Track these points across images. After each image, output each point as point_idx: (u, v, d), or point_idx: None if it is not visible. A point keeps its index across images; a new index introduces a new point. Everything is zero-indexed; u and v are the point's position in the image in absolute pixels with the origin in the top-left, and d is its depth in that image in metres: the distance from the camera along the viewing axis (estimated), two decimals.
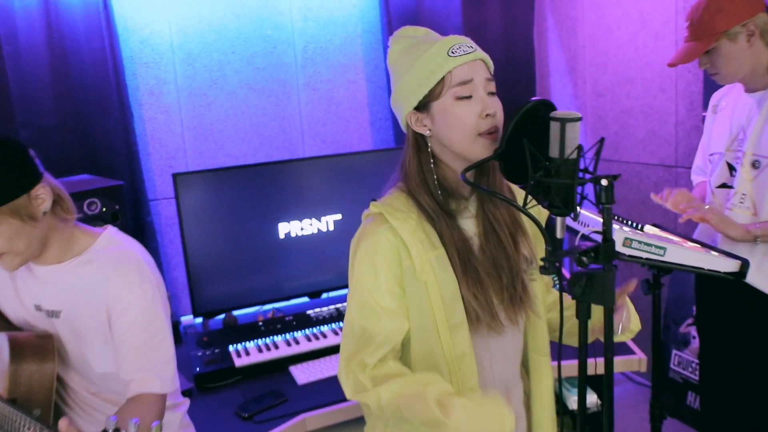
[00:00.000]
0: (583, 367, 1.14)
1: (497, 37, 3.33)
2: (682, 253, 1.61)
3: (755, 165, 1.89)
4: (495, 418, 1.09)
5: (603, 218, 1.06)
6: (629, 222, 1.77)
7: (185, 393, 1.96)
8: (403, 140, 3.24)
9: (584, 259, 1.05)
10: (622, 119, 3.09)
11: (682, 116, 2.82)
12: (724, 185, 1.99)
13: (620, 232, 1.55)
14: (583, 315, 1.11)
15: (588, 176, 1.08)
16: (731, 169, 1.97)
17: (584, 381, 1.17)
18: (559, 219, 1.10)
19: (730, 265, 1.63)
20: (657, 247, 1.59)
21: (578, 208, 1.09)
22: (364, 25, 3.23)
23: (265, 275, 2.43)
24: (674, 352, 2.87)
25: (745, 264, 1.63)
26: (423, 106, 1.24)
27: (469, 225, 1.29)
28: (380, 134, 3.32)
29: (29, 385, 1.32)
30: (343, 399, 1.87)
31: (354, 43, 3.23)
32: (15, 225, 1.27)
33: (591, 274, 1.08)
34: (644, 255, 1.59)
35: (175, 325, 2.42)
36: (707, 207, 1.92)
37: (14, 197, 1.26)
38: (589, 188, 1.09)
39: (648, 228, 1.88)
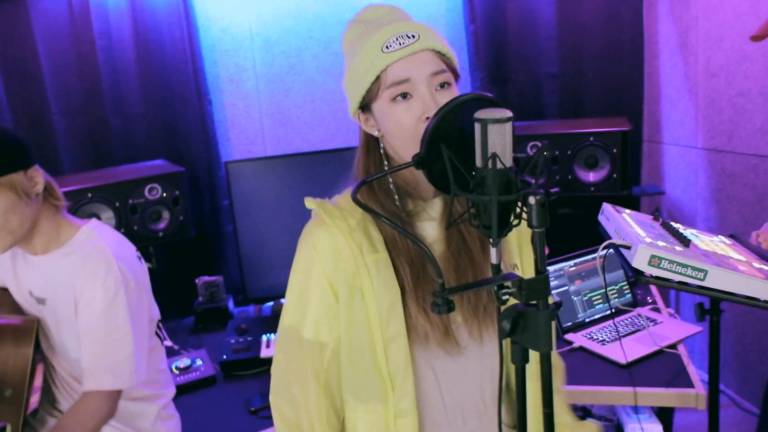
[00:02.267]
0: (522, 419, 0.92)
1: (599, 10, 2.94)
2: (729, 278, 1.27)
3: None
4: None
5: (534, 244, 0.83)
6: (677, 231, 1.45)
7: (210, 380, 1.96)
8: None
9: (501, 294, 0.83)
10: (738, 103, 2.59)
11: None
12: None
13: (645, 248, 1.26)
14: (518, 359, 0.89)
15: (524, 190, 0.85)
16: None
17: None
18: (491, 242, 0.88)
19: None
20: (695, 269, 1.27)
21: (514, 226, 0.86)
22: (448, 4, 3.01)
23: None
24: None
25: None
26: (366, 107, 1.07)
27: (429, 229, 1.10)
28: None
29: (4, 367, 1.36)
30: None
31: (437, 22, 3.03)
32: (11, 199, 1.32)
33: (522, 312, 0.85)
34: (676, 278, 1.28)
35: (224, 310, 2.42)
36: None
37: (13, 170, 1.32)
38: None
39: (715, 239, 1.53)
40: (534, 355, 0.91)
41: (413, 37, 1.02)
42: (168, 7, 2.67)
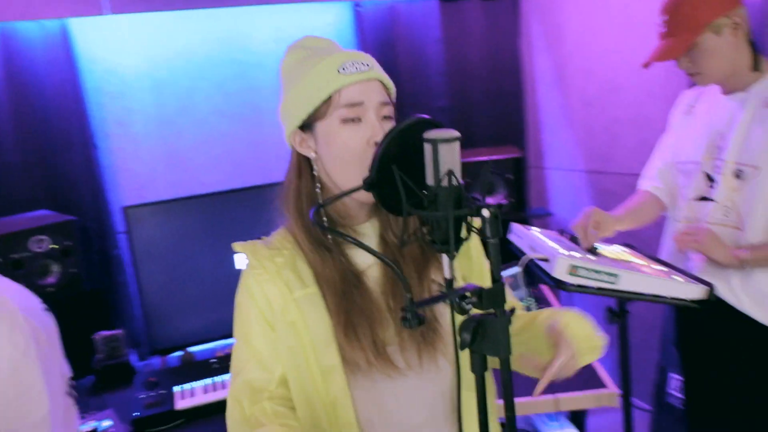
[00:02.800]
0: (483, 425, 0.96)
1: (480, 49, 3.17)
2: (638, 280, 1.41)
3: (739, 175, 1.68)
4: None
5: (490, 256, 0.89)
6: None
7: None
8: None
9: (464, 304, 0.87)
10: (612, 128, 2.88)
11: None
12: (704, 198, 1.78)
13: (564, 260, 1.36)
14: (477, 368, 0.93)
15: (472, 205, 0.91)
16: (710, 180, 1.76)
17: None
18: (444, 258, 0.93)
19: (694, 292, 1.42)
20: (608, 274, 1.40)
21: (463, 242, 0.92)
22: (339, 42, 3.09)
23: (223, 309, 2.29)
24: (672, 375, 2.62)
25: (711, 291, 1.42)
26: (308, 126, 1.10)
27: (362, 255, 1.13)
28: None
29: None
30: None
31: None
32: None
33: (481, 320, 0.90)
34: (594, 284, 1.39)
35: (127, 365, 2.29)
36: (705, 229, 1.71)
37: None
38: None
39: (612, 248, 1.68)
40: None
41: (367, 66, 1.07)
42: (46, 46, 2.55)
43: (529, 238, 1.59)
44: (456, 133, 0.90)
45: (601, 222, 1.70)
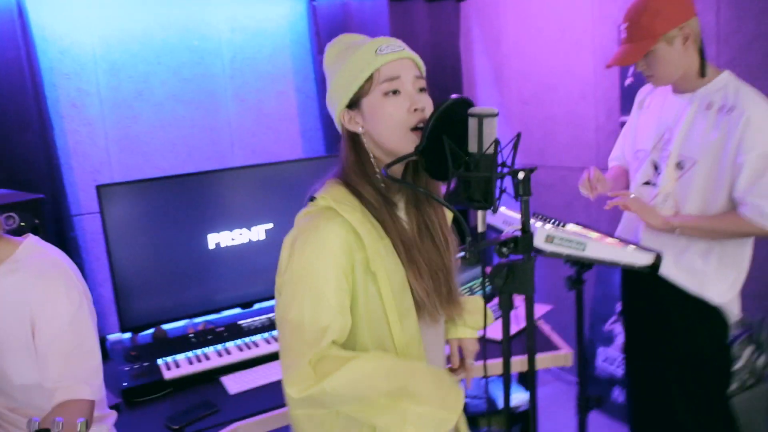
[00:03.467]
0: (507, 359, 1.18)
1: (425, 47, 3.41)
2: (600, 248, 1.69)
3: (680, 166, 1.97)
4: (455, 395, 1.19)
5: (521, 209, 1.11)
6: (552, 220, 1.84)
7: (112, 408, 1.91)
8: (333, 149, 3.25)
9: (504, 249, 1.09)
10: (547, 125, 3.20)
11: (601, 122, 2.95)
12: (648, 183, 2.08)
13: (542, 230, 1.61)
14: (505, 306, 1.15)
15: (506, 170, 1.13)
16: (656, 168, 2.05)
17: (508, 374, 1.20)
18: (479, 212, 1.14)
19: (644, 258, 1.72)
20: (577, 243, 1.66)
21: (498, 201, 1.13)
22: (293, 36, 3.24)
23: (196, 287, 2.39)
24: (600, 348, 2.98)
25: (658, 257, 1.72)
26: (354, 104, 1.26)
27: (400, 215, 1.32)
28: (311, 144, 3.33)
29: None
30: (276, 407, 1.88)
31: (283, 53, 3.23)
32: None
33: (512, 264, 1.12)
34: (565, 251, 1.65)
35: (102, 341, 2.34)
36: (632, 196, 2.01)
37: None
38: (508, 182, 1.14)
39: (569, 226, 1.95)
40: None
41: (400, 47, 1.25)
42: (0, 22, 2.53)
43: (502, 215, 1.84)
44: (496, 110, 1.11)
45: (599, 179, 2.04)
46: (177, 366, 2.09)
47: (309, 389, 1.15)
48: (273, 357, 2.17)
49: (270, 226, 2.54)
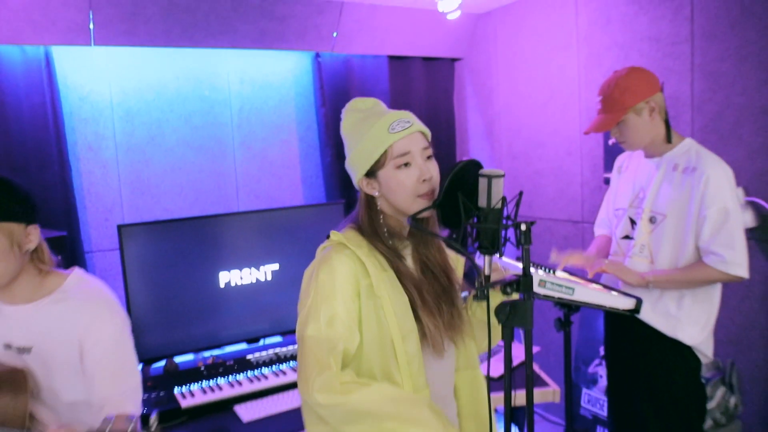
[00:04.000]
0: (507, 388, 1.38)
1: (421, 102, 3.68)
2: (587, 292, 1.90)
3: (652, 220, 2.23)
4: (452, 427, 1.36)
5: (523, 256, 1.32)
6: (544, 267, 2.05)
7: None
8: (332, 196, 3.48)
9: (508, 289, 1.30)
10: (535, 179, 3.45)
11: (586, 177, 3.21)
12: (626, 237, 2.32)
13: (536, 275, 1.82)
14: (507, 338, 1.35)
15: (510, 222, 1.35)
16: (633, 222, 2.30)
17: (509, 401, 1.40)
18: (486, 257, 1.35)
19: (627, 303, 1.94)
20: (566, 287, 1.88)
21: (502, 248, 1.35)
22: (297, 89, 3.49)
23: (206, 323, 2.56)
24: (584, 390, 3.17)
25: (639, 302, 1.94)
26: (371, 173, 1.47)
27: (408, 262, 1.52)
28: (311, 191, 3.55)
29: (3, 417, 1.42)
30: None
31: (287, 105, 3.48)
32: (4, 246, 1.43)
33: (514, 303, 1.33)
34: (556, 294, 1.86)
35: None
36: (606, 261, 2.25)
37: (16, 220, 1.46)
38: (510, 233, 1.35)
39: (559, 273, 2.17)
40: None
41: (409, 122, 1.47)
42: (29, 70, 2.75)
43: (502, 262, 2.05)
44: (502, 172, 1.34)
45: (581, 261, 2.32)
46: (192, 395, 2.25)
47: (336, 398, 1.33)
48: (281, 389, 2.34)
49: (276, 267, 2.73)
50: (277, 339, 2.84)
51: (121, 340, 1.52)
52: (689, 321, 2.15)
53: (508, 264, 1.98)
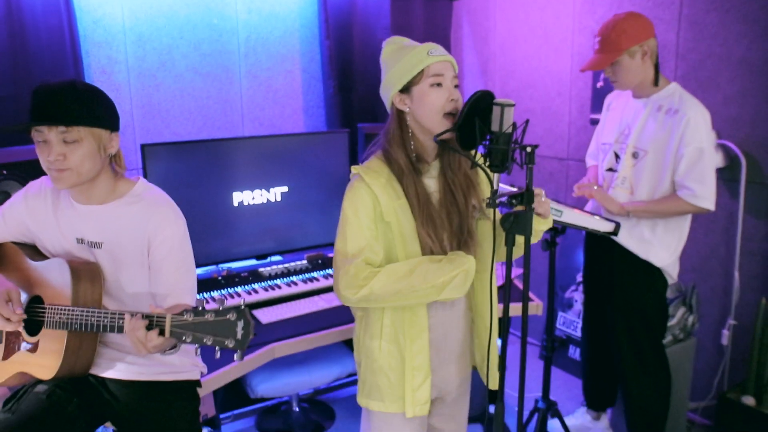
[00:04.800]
0: (507, 283, 1.67)
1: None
2: (574, 215, 2.20)
3: (635, 155, 2.50)
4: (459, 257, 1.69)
5: (527, 174, 1.59)
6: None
7: None
8: (333, 126, 3.73)
9: (514, 201, 1.58)
10: (525, 118, 3.71)
11: (574, 117, 3.48)
12: (611, 169, 2.60)
13: None
14: (509, 244, 1.64)
15: (517, 146, 1.61)
16: (617, 157, 2.58)
17: (508, 290, 1.69)
18: (496, 175, 1.62)
19: (607, 226, 2.25)
20: (556, 210, 2.17)
21: (510, 168, 1.61)
22: (302, 21, 3.66)
23: (220, 239, 2.82)
24: (560, 313, 3.53)
25: (617, 226, 2.25)
26: (406, 89, 1.72)
27: (431, 183, 1.78)
28: (312, 120, 3.77)
29: (84, 301, 1.66)
30: (305, 332, 2.35)
31: (292, 36, 3.65)
32: (92, 148, 1.63)
33: (516, 213, 1.60)
34: None
35: None
36: (596, 187, 2.53)
37: (105, 127, 1.66)
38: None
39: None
40: None
41: (444, 52, 1.72)
42: None
43: (502, 189, 2.32)
44: (513, 102, 1.59)
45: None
46: (214, 300, 2.52)
47: (360, 291, 1.65)
48: (294, 297, 2.63)
49: (285, 189, 2.98)
50: (278, 258, 3.11)
51: (184, 240, 1.76)
52: (661, 245, 2.47)
53: (506, 189, 2.26)
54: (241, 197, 2.87)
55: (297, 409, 3.17)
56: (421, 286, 1.65)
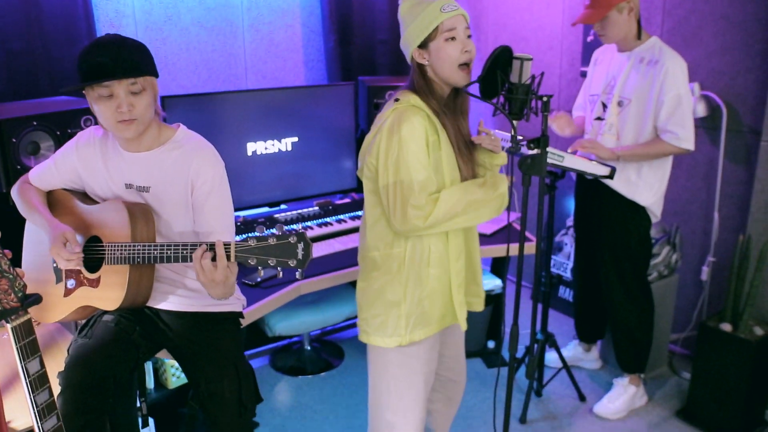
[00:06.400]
0: (523, 223, 1.90)
1: None
2: (573, 160, 2.43)
3: (620, 104, 2.74)
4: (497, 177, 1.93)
5: (542, 121, 1.81)
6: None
7: None
8: (333, 79, 3.89)
9: (532, 144, 1.80)
10: None
11: (564, 69, 3.69)
12: (599, 118, 2.84)
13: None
14: (526, 183, 1.86)
15: (533, 96, 1.82)
16: (604, 106, 2.81)
17: (523, 240, 1.92)
18: (515, 122, 1.83)
19: (604, 170, 2.49)
20: (558, 155, 2.40)
21: (528, 115, 1.83)
22: None
23: (234, 187, 2.98)
24: (552, 256, 3.80)
25: (613, 170, 2.49)
26: (424, 45, 1.90)
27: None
28: (313, 73, 3.91)
29: (141, 237, 1.83)
30: (324, 272, 2.58)
31: None
32: (152, 96, 1.80)
33: (532, 156, 1.83)
34: (550, 160, 2.38)
35: None
36: (583, 141, 2.77)
37: (155, 74, 1.82)
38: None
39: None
40: None
41: (456, 6, 1.90)
42: None
43: (503, 135, 2.54)
44: (531, 56, 1.79)
45: (569, 123, 2.84)
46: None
47: (429, 217, 1.83)
48: (312, 240, 2.83)
49: (295, 139, 3.16)
50: (285, 207, 3.30)
51: (223, 181, 1.94)
52: (645, 186, 2.73)
53: (501, 134, 2.47)
54: (255, 147, 3.05)
55: (309, 348, 3.41)
56: (490, 196, 1.89)
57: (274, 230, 1.61)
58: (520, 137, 1.89)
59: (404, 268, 1.95)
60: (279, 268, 1.60)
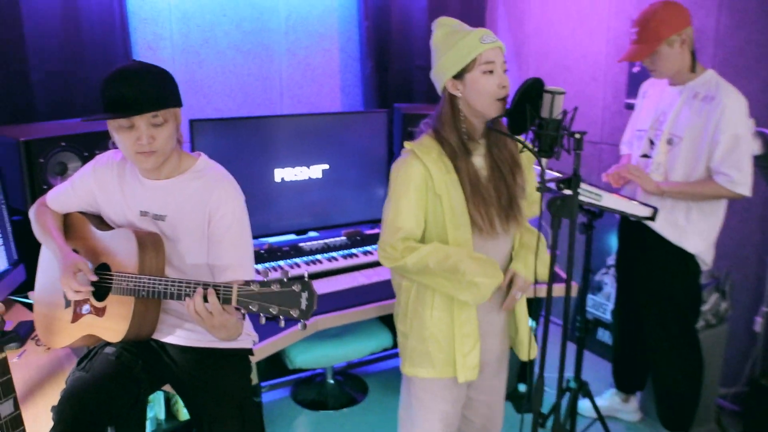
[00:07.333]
0: (552, 262, 1.75)
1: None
2: (612, 200, 2.27)
3: (670, 141, 2.56)
4: (493, 268, 1.79)
5: (574, 160, 1.67)
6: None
7: None
8: (369, 105, 3.84)
9: (561, 185, 1.66)
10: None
11: (608, 101, 3.53)
12: (645, 155, 2.66)
13: None
14: (555, 227, 1.72)
15: (565, 132, 1.68)
16: (652, 143, 2.63)
17: (551, 284, 1.77)
18: (544, 159, 1.70)
19: (645, 211, 2.32)
20: (596, 194, 2.25)
21: (559, 153, 1.69)
22: (341, 0, 3.73)
23: (262, 213, 2.92)
24: (590, 296, 3.61)
25: (655, 210, 2.31)
26: (459, 76, 1.79)
27: (478, 161, 1.87)
28: (349, 99, 3.85)
29: (149, 269, 1.77)
30: (345, 307, 2.46)
31: (331, 15, 3.72)
32: (174, 127, 1.75)
33: (563, 196, 1.69)
34: (586, 199, 2.23)
35: None
36: (630, 166, 2.58)
37: (180, 105, 1.79)
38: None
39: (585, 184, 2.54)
40: None
41: (494, 39, 1.79)
42: None
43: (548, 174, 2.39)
44: (564, 90, 1.66)
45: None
46: (258, 273, 2.63)
47: (396, 263, 1.82)
48: (335, 272, 2.74)
49: (326, 166, 3.07)
50: (315, 234, 3.22)
51: (243, 215, 1.86)
52: (694, 232, 2.53)
53: (552, 174, 2.33)
54: (283, 173, 2.97)
55: (332, 381, 3.30)
56: (449, 275, 1.79)
57: (278, 274, 1.50)
58: (558, 174, 1.76)
59: (410, 302, 1.94)
60: (281, 317, 1.50)
